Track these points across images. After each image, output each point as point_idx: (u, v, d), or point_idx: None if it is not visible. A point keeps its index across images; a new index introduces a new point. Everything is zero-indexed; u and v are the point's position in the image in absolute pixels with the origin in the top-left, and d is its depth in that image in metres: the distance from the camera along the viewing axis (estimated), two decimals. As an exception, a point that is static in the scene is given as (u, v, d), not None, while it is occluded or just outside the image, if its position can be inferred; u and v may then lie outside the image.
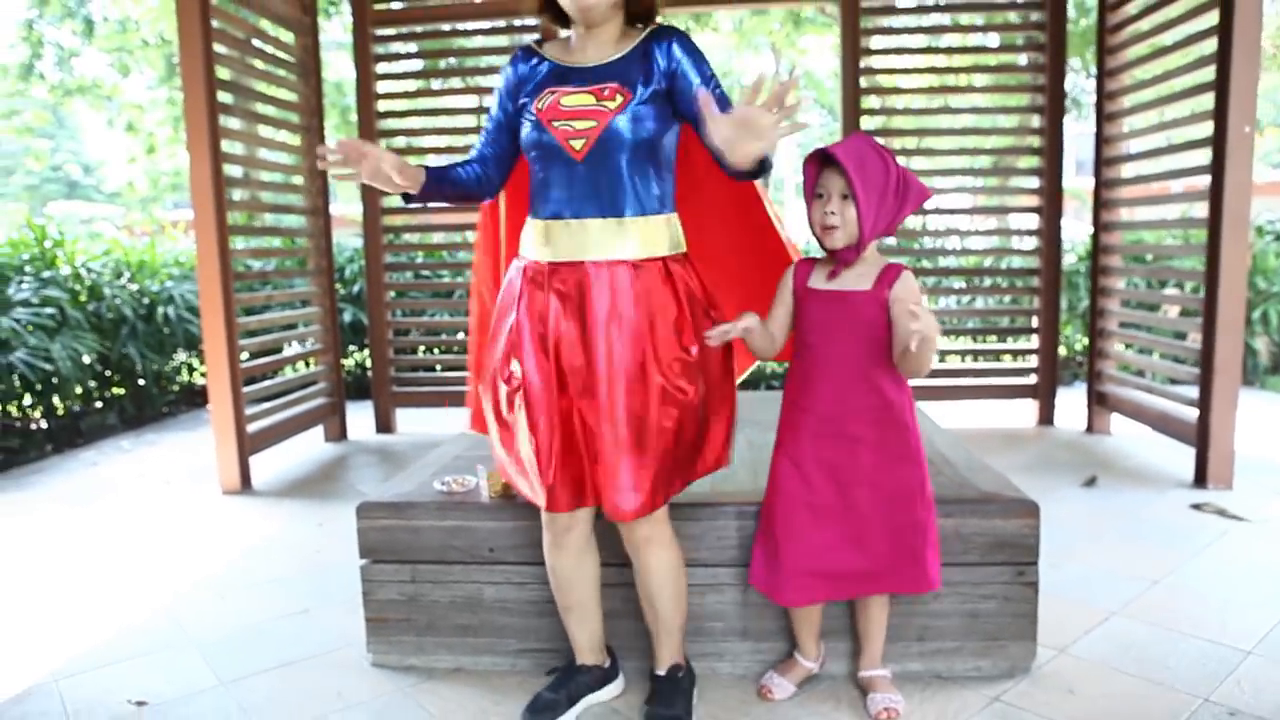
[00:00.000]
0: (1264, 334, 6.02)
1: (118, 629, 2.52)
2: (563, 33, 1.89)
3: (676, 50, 1.77)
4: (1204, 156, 3.51)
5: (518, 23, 4.69)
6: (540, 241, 1.81)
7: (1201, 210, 3.58)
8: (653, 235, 1.78)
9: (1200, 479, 3.61)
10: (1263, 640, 2.24)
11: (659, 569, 1.88)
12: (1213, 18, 3.42)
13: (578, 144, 1.73)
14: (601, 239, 1.76)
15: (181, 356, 6.20)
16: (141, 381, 5.77)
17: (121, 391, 5.66)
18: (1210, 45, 3.46)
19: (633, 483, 1.75)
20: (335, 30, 9.64)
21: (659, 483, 1.77)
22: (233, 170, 3.95)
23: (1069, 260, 6.09)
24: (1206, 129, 3.49)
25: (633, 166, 1.75)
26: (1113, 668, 2.12)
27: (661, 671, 1.96)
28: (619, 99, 1.72)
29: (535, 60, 1.86)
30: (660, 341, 1.75)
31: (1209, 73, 3.46)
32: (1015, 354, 5.00)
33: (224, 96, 3.80)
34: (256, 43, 4.21)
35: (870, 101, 4.71)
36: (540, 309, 1.79)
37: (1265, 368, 6.06)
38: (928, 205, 5.66)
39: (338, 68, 10.68)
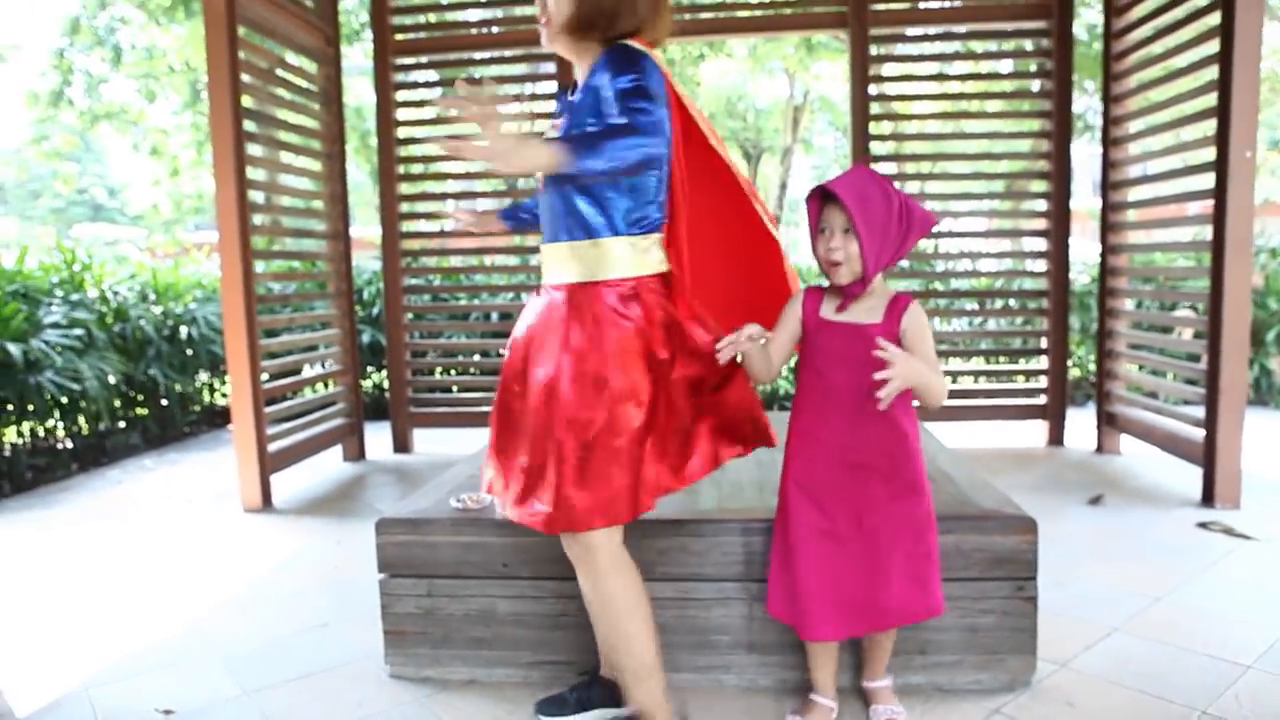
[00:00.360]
0: (1278, 354, 6.04)
1: (145, 641, 2.60)
2: None
3: (600, 65, 1.73)
4: (1207, 180, 3.56)
5: (534, 52, 4.81)
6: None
7: (1207, 232, 3.63)
8: (596, 259, 1.78)
9: (1208, 498, 3.63)
10: (1263, 655, 2.28)
11: (588, 595, 1.87)
12: (1214, 45, 3.48)
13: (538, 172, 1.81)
14: (552, 262, 1.85)
15: (203, 377, 6.33)
16: (165, 402, 5.90)
17: (145, 411, 5.78)
18: (1212, 72, 3.52)
19: (518, 495, 1.81)
20: (356, 55, 9.85)
21: (561, 503, 1.73)
22: (256, 196, 4.06)
23: (1084, 281, 6.14)
24: (1209, 154, 3.55)
25: (575, 193, 1.77)
26: (1112, 682, 2.16)
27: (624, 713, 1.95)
28: (554, 131, 1.82)
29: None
30: (573, 364, 1.75)
31: (1211, 99, 3.51)
32: (1025, 375, 5.04)
33: (249, 125, 3.93)
34: (281, 72, 4.35)
35: (880, 127, 4.80)
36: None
37: (1280, 388, 6.06)
38: (939, 229, 5.72)
39: (357, 91, 10.90)
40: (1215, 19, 3.47)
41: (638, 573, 1.86)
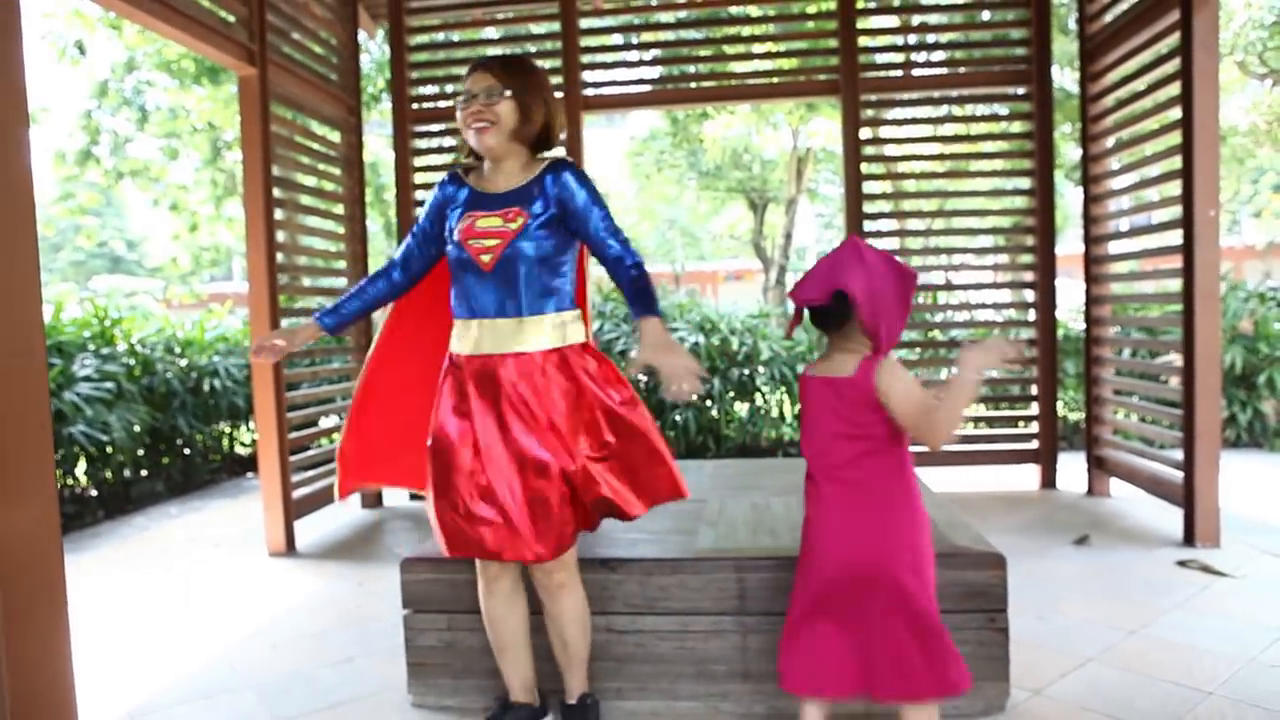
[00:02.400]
0: (1271, 398, 6.19)
1: (182, 674, 2.79)
2: (487, 165, 2.20)
3: (569, 181, 2.11)
4: (1177, 237, 3.79)
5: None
6: (459, 336, 2.16)
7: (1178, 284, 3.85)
8: (546, 331, 2.09)
9: (1189, 538, 3.80)
10: (1225, 683, 2.44)
11: (569, 610, 2.17)
12: (1176, 112, 3.74)
13: (486, 258, 2.07)
14: (504, 335, 2.09)
15: (223, 427, 6.55)
16: (188, 451, 6.12)
17: (168, 460, 6.00)
18: (1176, 136, 3.77)
19: (533, 536, 2.03)
20: (368, 113, 10.22)
21: (554, 535, 2.04)
22: (284, 257, 4.32)
23: (1079, 326, 6.33)
24: (1177, 210, 3.78)
25: (529, 276, 2.08)
26: (1083, 707, 2.33)
27: (573, 701, 2.25)
28: (519, 220, 2.09)
29: (458, 186, 2.21)
30: (553, 418, 2.06)
31: (1176, 161, 3.76)
32: (1018, 420, 5.22)
33: (279, 192, 4.19)
34: (307, 141, 4.63)
35: (874, 185, 5.06)
36: (460, 389, 2.12)
37: (1275, 430, 6.20)
38: (935, 280, 5.94)
39: (372, 149, 11.28)
40: (1176, 89, 3.73)
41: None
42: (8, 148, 1.45)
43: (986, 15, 4.89)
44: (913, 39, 5.05)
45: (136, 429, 5.37)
